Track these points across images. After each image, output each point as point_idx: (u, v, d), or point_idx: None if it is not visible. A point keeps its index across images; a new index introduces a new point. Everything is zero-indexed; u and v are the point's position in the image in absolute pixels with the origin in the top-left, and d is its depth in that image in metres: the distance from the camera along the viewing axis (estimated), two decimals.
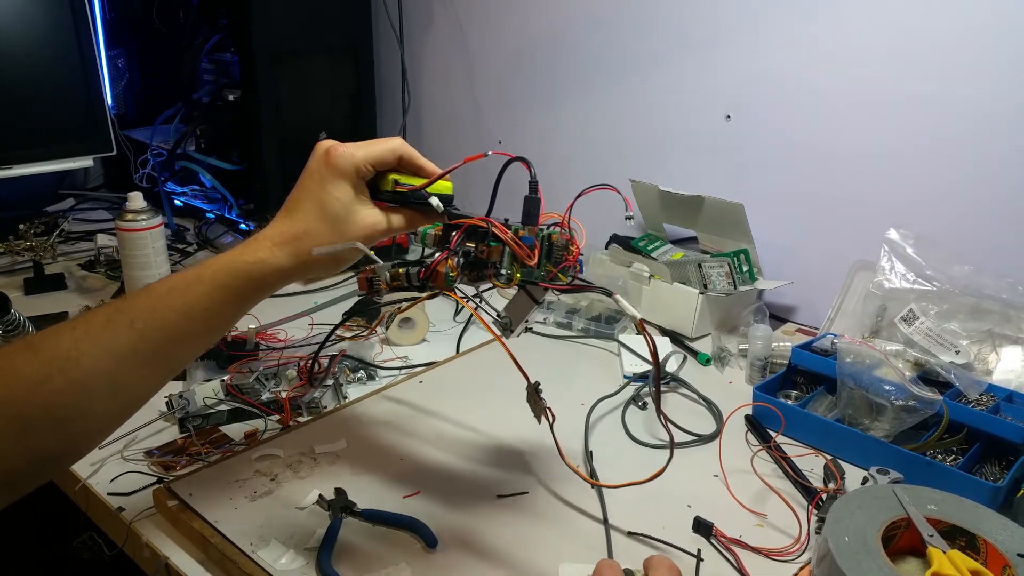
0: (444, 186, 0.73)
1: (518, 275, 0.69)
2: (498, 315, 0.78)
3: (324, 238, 0.68)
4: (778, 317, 1.33)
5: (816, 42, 1.22)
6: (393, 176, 0.72)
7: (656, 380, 0.72)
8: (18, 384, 0.57)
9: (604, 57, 1.49)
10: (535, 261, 0.69)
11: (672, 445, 0.72)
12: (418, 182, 0.72)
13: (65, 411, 0.59)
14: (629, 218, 0.76)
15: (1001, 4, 1.05)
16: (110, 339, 0.61)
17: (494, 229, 0.68)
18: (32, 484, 0.62)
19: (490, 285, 0.71)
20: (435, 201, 0.71)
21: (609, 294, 0.71)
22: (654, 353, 0.68)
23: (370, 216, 0.70)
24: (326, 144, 0.70)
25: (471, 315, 1.28)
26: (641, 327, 0.68)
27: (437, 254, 0.71)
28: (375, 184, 0.73)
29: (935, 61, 1.12)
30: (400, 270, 0.73)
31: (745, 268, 1.25)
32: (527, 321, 0.77)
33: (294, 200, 0.70)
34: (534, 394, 0.80)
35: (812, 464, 0.91)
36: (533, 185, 0.71)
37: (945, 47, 1.11)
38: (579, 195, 0.74)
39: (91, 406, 0.61)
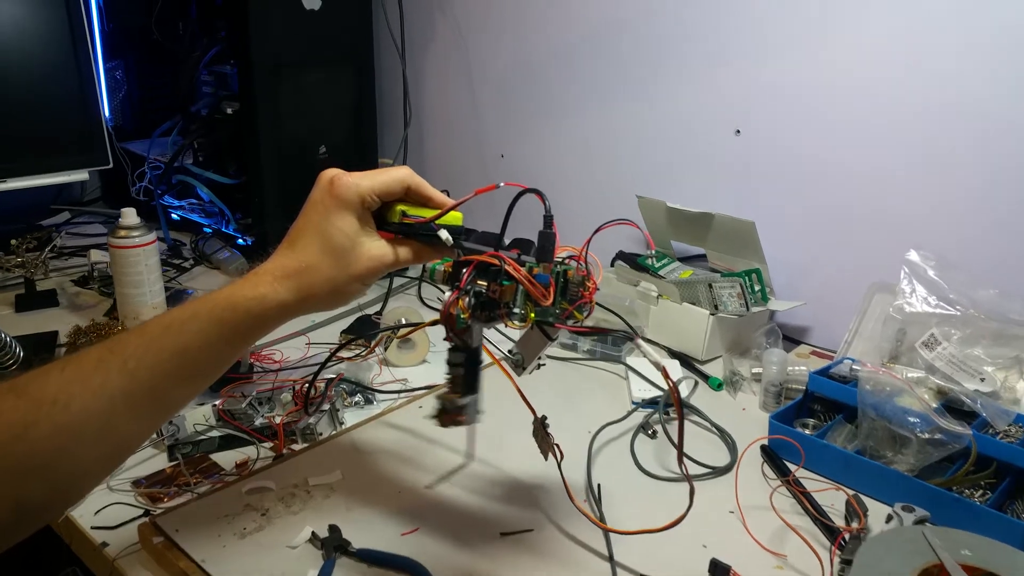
0: (454, 217, 0.69)
1: (532, 315, 0.66)
2: (510, 351, 0.74)
3: (328, 272, 0.65)
4: (791, 339, 1.29)
5: (828, 53, 1.19)
6: (401, 207, 0.69)
7: (680, 425, 0.67)
8: (2, 430, 0.54)
9: (609, 69, 1.46)
10: (550, 300, 0.65)
11: (691, 494, 0.67)
12: (427, 213, 0.69)
13: (52, 458, 0.56)
14: (651, 257, 0.73)
15: (1020, 10, 1.01)
16: (101, 381, 0.58)
17: (507, 267, 0.64)
18: (17, 535, 0.59)
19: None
20: (444, 234, 0.67)
21: (631, 338, 0.68)
22: (678, 400, 0.64)
23: (376, 248, 0.67)
24: (330, 173, 0.67)
25: None
26: (665, 376, 0.64)
27: (448, 294, 0.67)
28: (382, 215, 0.70)
29: (953, 70, 1.08)
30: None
31: (757, 288, 1.21)
32: (540, 358, 0.73)
33: (297, 231, 0.67)
34: (541, 429, 0.77)
35: (832, 499, 0.86)
36: (548, 219, 0.68)
37: (964, 55, 1.07)
38: (597, 230, 0.71)
39: (80, 452, 0.58)
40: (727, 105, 1.32)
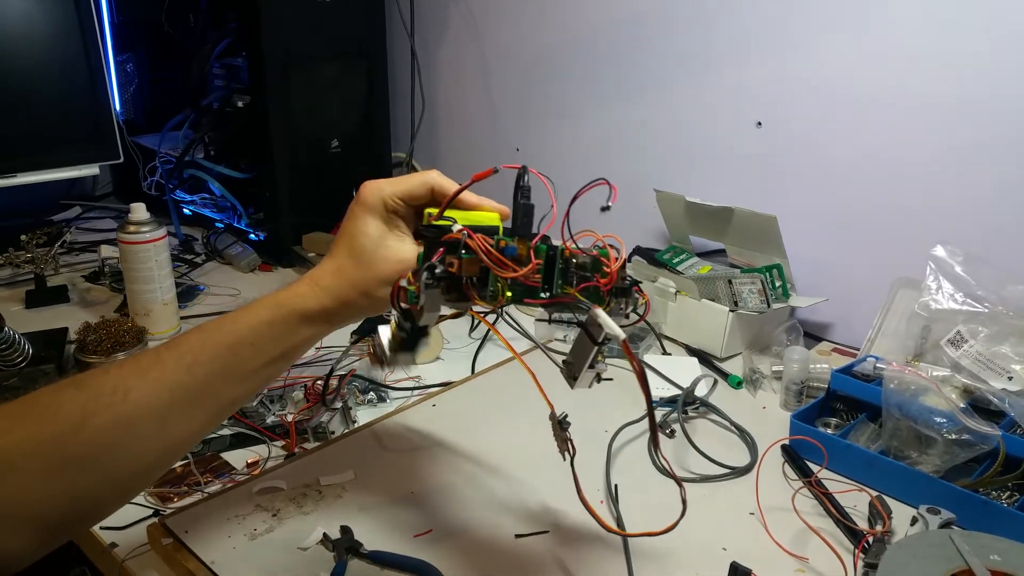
0: (490, 217, 0.67)
1: (508, 293, 0.61)
2: (564, 361, 0.71)
3: (354, 274, 0.67)
4: (812, 335, 1.26)
5: (854, 42, 1.16)
6: (430, 210, 0.67)
7: (651, 417, 0.61)
8: (62, 421, 0.56)
9: (627, 61, 1.43)
10: (521, 274, 0.60)
11: (684, 497, 0.64)
12: (457, 215, 0.66)
13: (109, 450, 0.58)
14: (605, 208, 0.66)
15: None
16: (158, 374, 0.60)
17: (467, 240, 0.60)
18: (67, 534, 0.61)
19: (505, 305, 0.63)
20: (458, 228, 0.64)
21: (589, 307, 0.61)
22: (643, 379, 0.58)
23: (403, 251, 0.67)
24: (362, 183, 0.69)
25: (488, 331, 1.22)
26: (625, 348, 0.59)
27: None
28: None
29: (984, 61, 1.05)
30: (394, 326, 0.68)
31: (778, 284, 1.19)
32: (593, 367, 0.68)
33: (335, 240, 0.70)
34: (557, 427, 0.74)
35: (854, 500, 0.84)
36: (524, 191, 0.64)
37: (993, 46, 1.04)
38: (574, 198, 0.63)
39: (136, 444, 0.59)
40: (748, 98, 1.29)
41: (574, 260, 0.62)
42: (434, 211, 0.66)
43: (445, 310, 0.66)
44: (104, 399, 0.57)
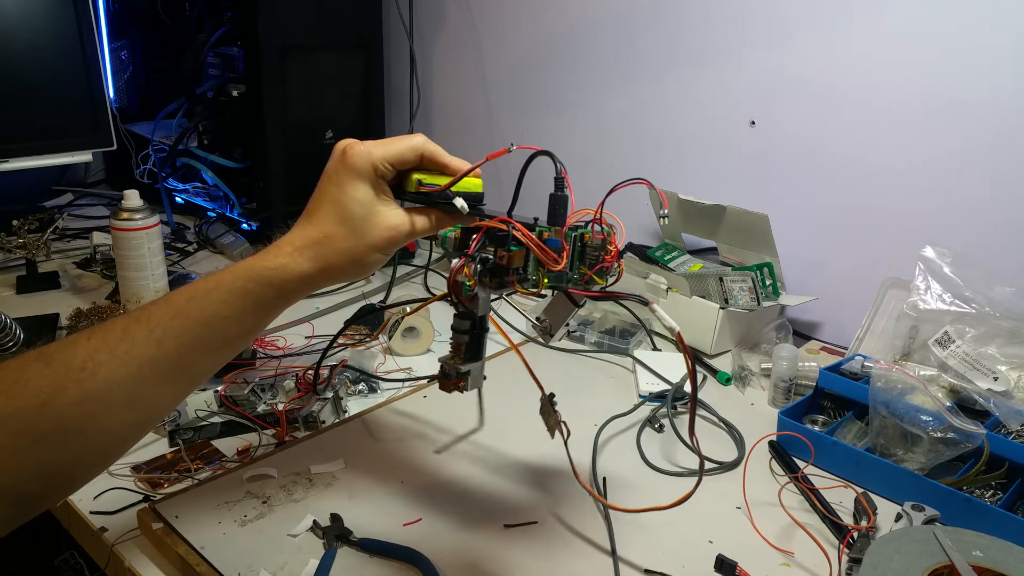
0: (473, 184, 0.67)
1: (545, 280, 0.64)
2: (537, 319, 0.72)
3: (344, 242, 0.65)
4: (800, 334, 1.27)
5: (847, 44, 1.17)
6: (417, 175, 0.67)
7: (692, 403, 0.66)
8: (29, 396, 0.55)
9: (622, 57, 1.44)
10: (563, 265, 0.63)
11: (702, 471, 0.67)
12: (443, 181, 0.66)
13: (79, 424, 0.57)
14: (663, 216, 0.70)
15: None
16: (127, 348, 0.58)
17: (515, 232, 0.62)
18: (42, 504, 0.60)
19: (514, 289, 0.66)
20: (460, 202, 0.65)
21: (646, 303, 0.66)
22: (692, 371, 0.63)
23: (393, 217, 0.66)
24: (343, 144, 0.66)
25: None
26: (680, 341, 0.62)
27: (455, 261, 0.65)
28: (400, 185, 0.68)
29: (975, 64, 1.06)
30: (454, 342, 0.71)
31: (768, 282, 1.20)
32: (568, 325, 0.71)
33: (314, 203, 0.66)
34: (548, 406, 0.75)
35: (841, 497, 0.85)
36: (559, 182, 0.66)
37: (985, 49, 1.05)
38: (611, 190, 0.68)
39: (107, 419, 0.58)
40: (742, 96, 1.30)
41: (589, 243, 0.65)
42: (424, 177, 0.66)
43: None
44: (73, 374, 0.56)
